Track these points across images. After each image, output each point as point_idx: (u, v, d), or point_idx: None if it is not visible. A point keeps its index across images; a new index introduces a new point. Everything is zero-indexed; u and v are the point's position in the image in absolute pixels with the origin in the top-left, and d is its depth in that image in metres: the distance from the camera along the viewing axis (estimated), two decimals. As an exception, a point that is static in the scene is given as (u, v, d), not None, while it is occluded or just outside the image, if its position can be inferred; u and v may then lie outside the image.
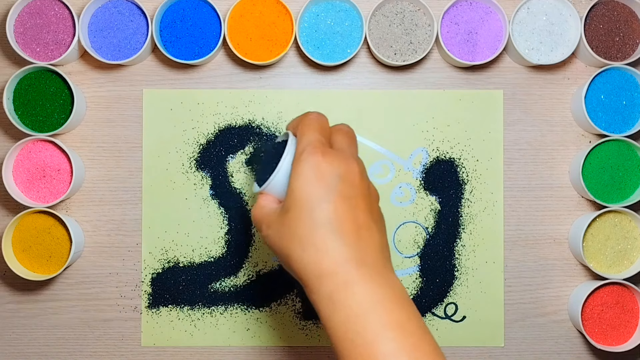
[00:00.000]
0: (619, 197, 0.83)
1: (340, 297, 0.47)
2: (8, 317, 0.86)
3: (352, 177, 0.50)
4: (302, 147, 0.51)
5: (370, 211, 0.51)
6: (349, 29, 0.83)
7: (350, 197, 0.50)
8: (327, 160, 0.50)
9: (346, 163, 0.51)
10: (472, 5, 0.84)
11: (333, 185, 0.49)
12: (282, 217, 0.51)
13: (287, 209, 0.50)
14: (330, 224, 0.48)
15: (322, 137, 0.52)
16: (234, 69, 0.86)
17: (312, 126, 0.53)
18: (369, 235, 0.50)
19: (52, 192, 0.83)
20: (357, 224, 0.49)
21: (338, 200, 0.49)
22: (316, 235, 0.48)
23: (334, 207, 0.49)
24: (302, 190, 0.49)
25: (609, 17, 0.84)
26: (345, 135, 0.55)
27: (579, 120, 0.85)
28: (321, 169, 0.50)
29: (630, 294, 0.83)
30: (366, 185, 0.52)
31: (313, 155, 0.50)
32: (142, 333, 0.85)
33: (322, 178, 0.49)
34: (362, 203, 0.50)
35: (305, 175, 0.50)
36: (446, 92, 0.86)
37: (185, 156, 0.86)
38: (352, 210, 0.49)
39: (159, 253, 0.85)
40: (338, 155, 0.51)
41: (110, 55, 0.83)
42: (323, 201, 0.49)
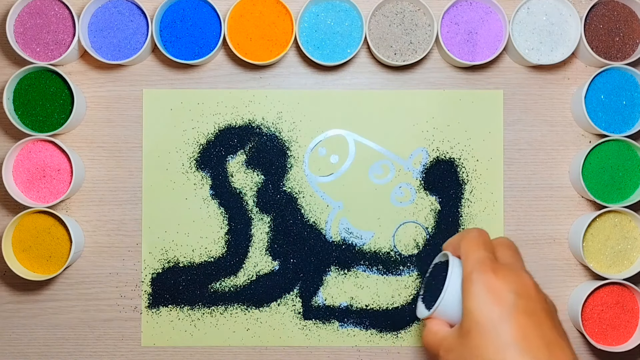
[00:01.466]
0: (619, 197, 0.83)
1: None
2: (8, 317, 0.86)
3: (528, 292, 0.48)
4: (471, 266, 0.50)
5: (555, 326, 0.48)
6: (349, 29, 0.83)
7: (532, 313, 0.47)
8: (500, 277, 0.48)
9: (519, 277, 0.49)
10: (472, 5, 0.84)
11: (511, 303, 0.47)
12: (462, 340, 0.49)
13: (466, 331, 0.48)
14: (518, 343, 0.46)
15: (489, 254, 0.51)
16: (234, 69, 0.86)
17: (476, 243, 0.52)
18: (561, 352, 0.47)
19: (52, 192, 0.83)
20: (546, 342, 0.46)
21: (520, 317, 0.47)
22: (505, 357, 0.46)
23: (518, 325, 0.46)
24: (480, 311, 0.47)
25: (609, 17, 0.84)
26: (509, 248, 0.53)
27: (579, 120, 0.85)
28: (495, 287, 0.48)
29: (630, 294, 0.83)
30: (543, 298, 0.50)
31: (484, 273, 0.48)
32: (142, 333, 0.85)
33: (498, 296, 0.47)
34: (545, 317, 0.48)
35: (479, 295, 0.48)
36: (446, 92, 0.86)
37: (185, 156, 0.86)
38: (537, 326, 0.47)
39: (159, 253, 0.85)
40: (509, 270, 0.49)
41: (110, 55, 0.83)
42: (504, 320, 0.46)
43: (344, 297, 0.85)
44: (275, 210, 0.85)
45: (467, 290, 0.49)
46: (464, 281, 0.50)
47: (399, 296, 0.85)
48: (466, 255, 0.51)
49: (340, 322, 0.85)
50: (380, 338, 0.85)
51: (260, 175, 0.85)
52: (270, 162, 0.85)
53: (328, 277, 0.85)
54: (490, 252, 0.51)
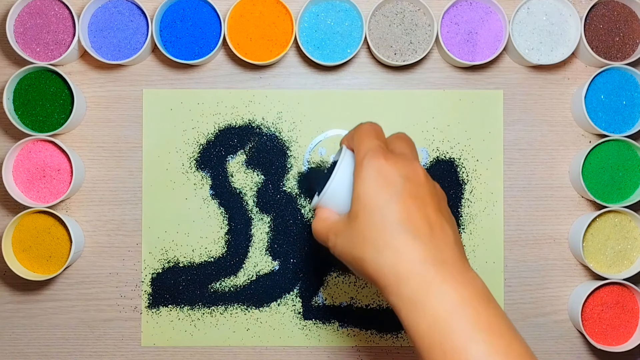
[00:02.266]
0: (619, 197, 0.83)
1: (424, 298, 0.46)
2: (8, 317, 0.86)
3: (417, 177, 0.50)
4: (363, 153, 0.51)
5: (440, 209, 0.51)
6: (349, 29, 0.83)
7: (418, 197, 0.49)
8: (390, 162, 0.50)
9: (409, 164, 0.51)
10: (472, 5, 0.84)
11: (399, 186, 0.49)
12: (350, 223, 0.51)
13: (355, 214, 0.50)
14: (402, 224, 0.48)
15: (381, 142, 0.52)
16: (234, 69, 0.86)
17: (369, 134, 0.53)
18: (442, 232, 0.49)
19: (52, 192, 0.83)
20: (429, 222, 0.49)
21: (407, 200, 0.49)
22: (390, 236, 0.48)
23: (403, 207, 0.48)
24: (369, 194, 0.49)
25: (609, 17, 0.84)
26: (404, 140, 0.55)
27: (579, 120, 0.85)
28: (385, 172, 0.50)
29: (630, 294, 0.83)
30: (432, 185, 0.52)
31: (375, 159, 0.50)
32: (142, 333, 0.85)
33: (387, 180, 0.49)
34: (431, 201, 0.50)
35: (369, 179, 0.49)
36: (446, 92, 0.86)
37: (185, 156, 0.86)
38: (422, 209, 0.49)
39: (159, 253, 0.85)
40: (401, 158, 0.51)
41: (110, 55, 0.83)
42: (392, 202, 0.48)
43: (344, 297, 0.85)
44: (275, 210, 0.85)
45: (358, 176, 0.50)
46: (356, 168, 0.51)
47: (399, 296, 0.85)
48: (359, 145, 0.52)
49: (340, 322, 0.85)
50: (380, 338, 0.85)
51: (260, 175, 0.85)
52: (270, 162, 0.85)
53: (328, 277, 0.85)
54: (383, 142, 0.53)
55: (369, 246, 0.49)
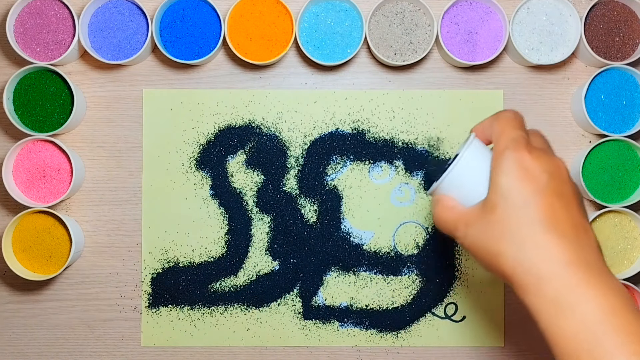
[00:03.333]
0: (619, 197, 0.83)
1: (570, 301, 0.44)
2: (8, 317, 0.86)
3: (561, 174, 0.48)
4: (505, 143, 0.49)
5: (582, 210, 0.48)
6: (349, 29, 0.83)
7: (563, 195, 0.47)
8: (534, 156, 0.47)
9: (553, 160, 0.48)
10: (472, 5, 0.84)
11: (544, 182, 0.47)
12: (486, 215, 0.48)
13: (492, 206, 0.48)
14: (547, 221, 0.46)
15: (524, 134, 0.50)
16: (234, 69, 0.86)
17: (512, 123, 0.50)
18: (586, 234, 0.47)
19: (52, 192, 0.83)
20: (573, 223, 0.46)
21: (552, 197, 0.46)
22: (533, 233, 0.45)
23: (548, 204, 0.46)
24: (510, 186, 0.47)
25: (609, 17, 0.84)
26: (542, 136, 0.53)
27: (579, 120, 0.85)
28: (529, 166, 0.47)
29: (630, 294, 0.83)
30: (574, 184, 0.50)
31: (518, 151, 0.48)
32: (142, 333, 0.85)
33: (531, 175, 0.47)
34: (575, 200, 0.48)
35: (511, 171, 0.47)
36: (446, 92, 0.86)
37: (185, 156, 0.86)
38: (566, 208, 0.47)
39: (159, 253, 0.85)
40: (544, 152, 0.49)
41: (110, 55, 0.83)
42: (536, 198, 0.46)
43: (344, 297, 0.85)
44: (275, 210, 0.85)
45: (498, 166, 0.48)
46: (495, 157, 0.49)
47: (399, 296, 0.85)
48: (500, 133, 0.50)
49: (340, 322, 0.85)
50: (380, 338, 0.85)
51: (260, 175, 0.85)
52: (270, 162, 0.85)
53: (328, 277, 0.85)
54: (526, 133, 0.50)
55: (508, 241, 0.46)
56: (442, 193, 0.53)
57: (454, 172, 0.52)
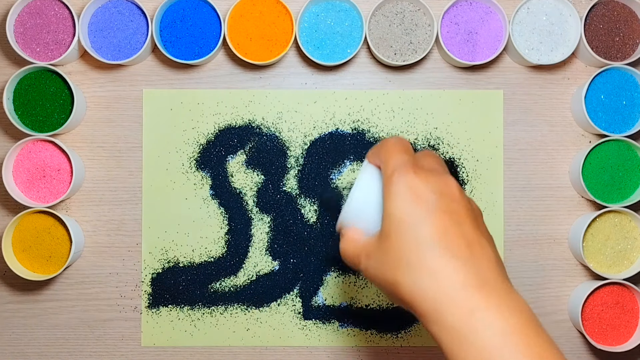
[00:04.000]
0: (619, 197, 0.83)
1: (468, 328, 0.42)
2: (8, 317, 0.86)
3: (450, 192, 0.47)
4: (392, 169, 0.47)
5: (478, 226, 0.47)
6: (349, 29, 0.83)
7: (454, 212, 0.46)
8: (422, 177, 0.46)
9: (441, 179, 0.47)
10: (472, 5, 0.84)
11: (433, 202, 0.45)
12: (382, 244, 0.47)
13: (386, 234, 0.46)
14: (438, 242, 0.44)
15: (410, 157, 0.49)
16: (234, 69, 0.86)
17: (397, 147, 0.49)
18: (481, 250, 0.45)
19: (52, 192, 0.83)
20: (467, 240, 0.45)
21: (441, 216, 0.45)
22: (425, 256, 0.44)
23: (439, 224, 0.45)
24: (401, 211, 0.46)
25: (609, 17, 0.84)
26: (432, 156, 0.51)
27: (579, 120, 0.85)
28: (417, 187, 0.46)
29: (630, 294, 0.83)
30: (467, 200, 0.48)
31: (405, 174, 0.46)
32: (142, 333, 0.85)
33: (420, 196, 0.45)
34: (467, 217, 0.46)
35: (400, 195, 0.46)
36: (446, 92, 0.86)
37: (185, 156, 0.86)
38: (458, 225, 0.45)
39: (159, 253, 0.85)
40: (432, 172, 0.48)
41: (110, 55, 0.83)
42: (426, 219, 0.45)
43: (344, 297, 0.85)
44: (275, 210, 0.85)
45: (388, 192, 0.47)
46: (385, 184, 0.47)
47: (399, 296, 0.85)
48: (386, 160, 0.49)
49: (340, 322, 0.85)
50: (380, 338, 0.85)
51: (260, 175, 0.85)
52: (270, 162, 0.85)
53: (328, 277, 0.85)
54: (411, 156, 0.49)
55: (403, 268, 0.45)
56: (347, 225, 0.52)
57: (353, 202, 0.51)
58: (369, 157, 0.53)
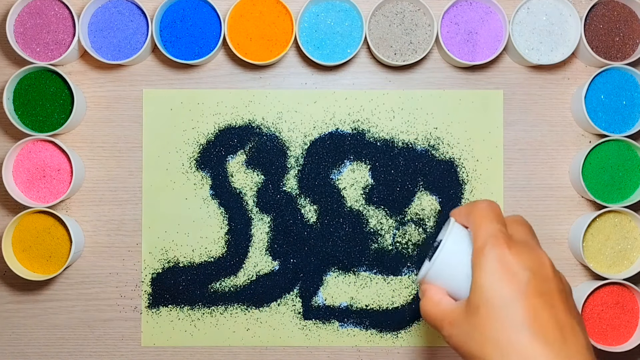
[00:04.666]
0: (619, 197, 0.83)
1: None
2: (8, 317, 0.86)
3: (544, 271, 0.45)
4: (483, 239, 0.46)
5: (569, 308, 0.45)
6: (349, 29, 0.83)
7: (546, 294, 0.44)
8: (514, 252, 0.45)
9: (535, 255, 0.46)
10: (472, 5, 0.84)
11: (525, 282, 0.44)
12: (470, 316, 0.46)
13: (475, 307, 0.45)
14: (530, 325, 0.43)
15: (503, 227, 0.47)
16: (234, 69, 0.86)
17: (489, 216, 0.48)
18: (574, 336, 0.44)
19: (52, 192, 0.83)
20: (559, 325, 0.44)
21: (533, 297, 0.44)
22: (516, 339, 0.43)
23: (530, 306, 0.43)
24: (491, 287, 0.44)
25: (609, 17, 0.84)
26: (524, 225, 0.50)
27: (579, 120, 0.85)
28: (509, 263, 0.44)
29: (630, 294, 0.83)
30: (559, 278, 0.47)
31: (497, 247, 0.45)
32: (142, 333, 0.85)
33: (512, 273, 0.44)
34: (559, 299, 0.45)
35: (492, 270, 0.45)
36: (446, 92, 0.86)
37: (185, 156, 0.86)
38: (551, 308, 0.44)
39: (159, 253, 0.85)
40: (525, 247, 0.46)
41: (110, 55, 0.83)
42: (517, 299, 0.44)
43: (344, 297, 0.85)
44: (275, 210, 0.85)
45: (478, 265, 0.46)
46: (475, 254, 0.46)
47: (399, 296, 0.85)
48: (477, 227, 0.47)
49: (340, 322, 0.85)
50: (380, 338, 0.85)
51: (260, 175, 0.85)
52: (270, 162, 0.85)
53: (328, 277, 0.85)
54: (504, 225, 0.48)
55: (491, 346, 0.44)
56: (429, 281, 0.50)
57: (437, 262, 0.49)
58: (454, 215, 0.52)
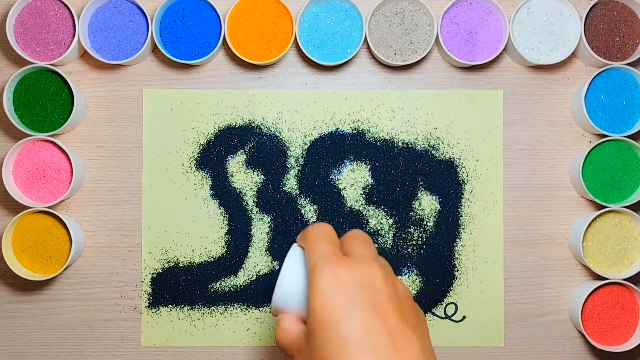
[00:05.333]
0: (619, 197, 0.83)
1: None
2: (8, 317, 0.86)
3: (374, 281, 0.45)
4: (314, 261, 0.46)
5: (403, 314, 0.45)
6: (349, 29, 0.83)
7: (377, 304, 0.44)
8: (344, 267, 0.45)
9: (366, 267, 0.45)
10: (472, 5, 0.84)
11: (355, 295, 0.44)
12: (309, 340, 0.45)
13: (312, 330, 0.45)
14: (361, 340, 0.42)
15: (332, 247, 0.47)
16: (234, 69, 0.86)
17: (318, 237, 0.48)
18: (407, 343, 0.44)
19: (52, 192, 0.83)
20: (390, 333, 0.43)
21: (364, 310, 0.43)
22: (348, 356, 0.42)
23: (361, 320, 0.43)
24: (323, 306, 0.44)
25: (609, 17, 0.84)
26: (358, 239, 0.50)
27: (579, 120, 0.85)
28: (340, 279, 0.44)
29: (630, 294, 0.83)
30: (392, 286, 0.46)
31: (326, 266, 0.45)
32: (142, 333, 0.85)
33: (343, 289, 0.44)
34: (391, 307, 0.44)
35: (323, 289, 0.44)
36: (446, 92, 0.86)
37: (185, 156, 0.86)
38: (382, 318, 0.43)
39: (159, 253, 0.85)
40: (355, 260, 0.46)
41: (110, 55, 0.83)
42: (348, 315, 0.43)
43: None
44: (275, 210, 0.85)
45: (311, 286, 0.45)
46: (309, 277, 0.46)
47: (399, 296, 0.85)
48: (309, 252, 0.47)
49: (340, 322, 0.85)
50: (380, 338, 0.85)
51: (260, 175, 0.85)
52: (270, 162, 0.85)
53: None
54: (335, 245, 0.48)
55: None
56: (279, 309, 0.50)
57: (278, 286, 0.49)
58: (298, 239, 0.51)
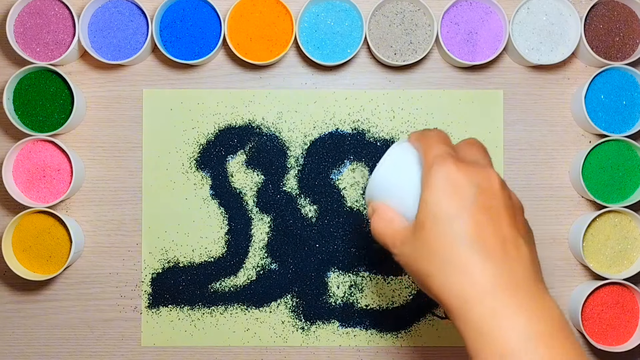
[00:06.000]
0: (619, 197, 0.83)
1: (492, 328, 0.42)
2: (8, 317, 0.86)
3: (491, 187, 0.45)
4: (432, 159, 0.46)
5: (516, 223, 0.46)
6: (349, 29, 0.83)
7: (491, 208, 0.44)
8: (462, 169, 0.45)
9: (484, 172, 0.46)
10: (472, 5, 0.84)
11: (471, 197, 0.44)
12: (416, 233, 0.46)
13: (421, 224, 0.45)
14: (473, 241, 0.43)
15: (450, 149, 0.47)
16: (234, 69, 0.86)
17: (439, 138, 0.48)
18: (516, 250, 0.44)
19: (52, 192, 0.83)
20: (502, 240, 0.44)
21: (478, 212, 0.44)
22: (458, 254, 0.43)
23: (475, 222, 0.44)
24: (437, 203, 0.45)
25: (609, 17, 0.84)
26: (475, 146, 0.50)
27: (579, 120, 0.85)
28: (456, 180, 0.45)
29: (630, 294, 0.83)
30: (507, 195, 0.46)
31: (445, 165, 0.45)
32: (142, 333, 0.85)
33: (458, 189, 0.44)
34: (506, 214, 0.45)
35: (438, 186, 0.45)
36: (446, 92, 0.86)
37: (185, 156, 0.86)
38: (495, 223, 0.44)
39: (159, 253, 0.85)
40: (473, 164, 0.46)
41: (110, 55, 0.83)
42: (462, 215, 0.44)
43: (345, 297, 0.85)
44: (275, 210, 0.85)
45: (426, 182, 0.46)
46: (424, 173, 0.47)
47: (399, 296, 0.85)
48: (427, 149, 0.48)
49: (340, 322, 0.85)
50: (380, 338, 0.85)
51: (260, 175, 0.85)
52: (270, 162, 0.85)
53: (328, 277, 0.85)
54: (452, 148, 0.48)
55: (436, 261, 0.44)
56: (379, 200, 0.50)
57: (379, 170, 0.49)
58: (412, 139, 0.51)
